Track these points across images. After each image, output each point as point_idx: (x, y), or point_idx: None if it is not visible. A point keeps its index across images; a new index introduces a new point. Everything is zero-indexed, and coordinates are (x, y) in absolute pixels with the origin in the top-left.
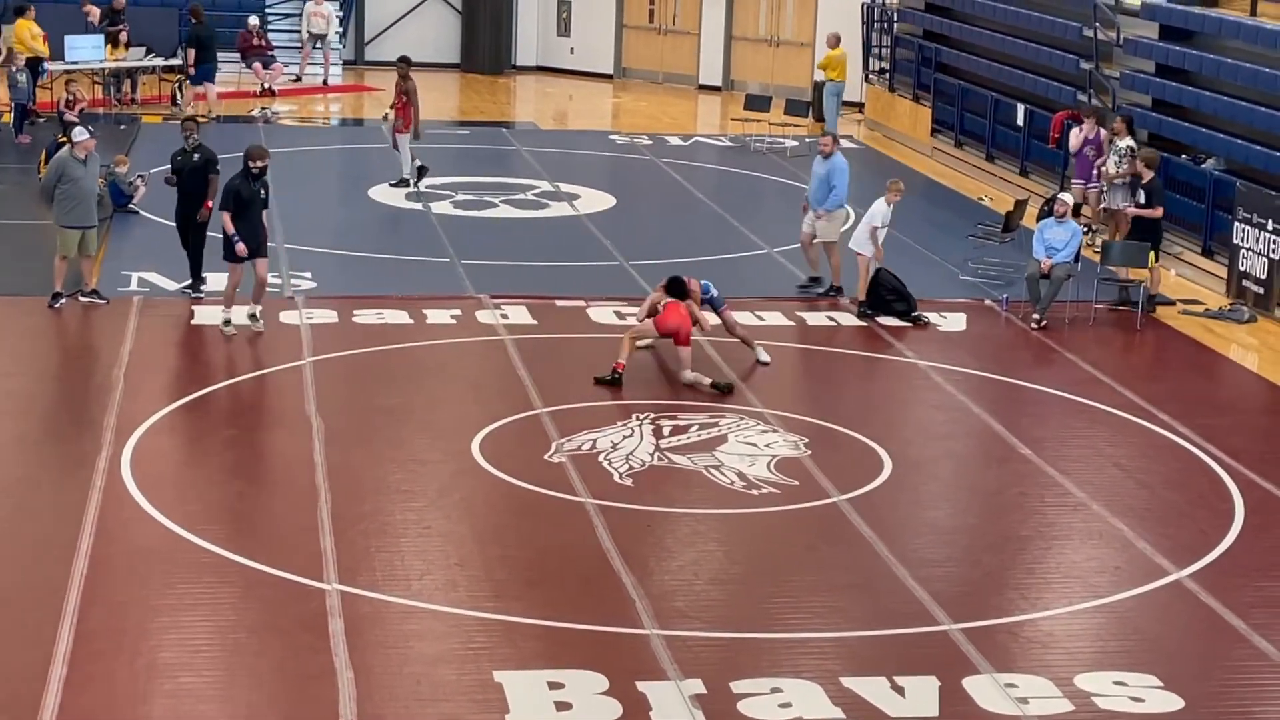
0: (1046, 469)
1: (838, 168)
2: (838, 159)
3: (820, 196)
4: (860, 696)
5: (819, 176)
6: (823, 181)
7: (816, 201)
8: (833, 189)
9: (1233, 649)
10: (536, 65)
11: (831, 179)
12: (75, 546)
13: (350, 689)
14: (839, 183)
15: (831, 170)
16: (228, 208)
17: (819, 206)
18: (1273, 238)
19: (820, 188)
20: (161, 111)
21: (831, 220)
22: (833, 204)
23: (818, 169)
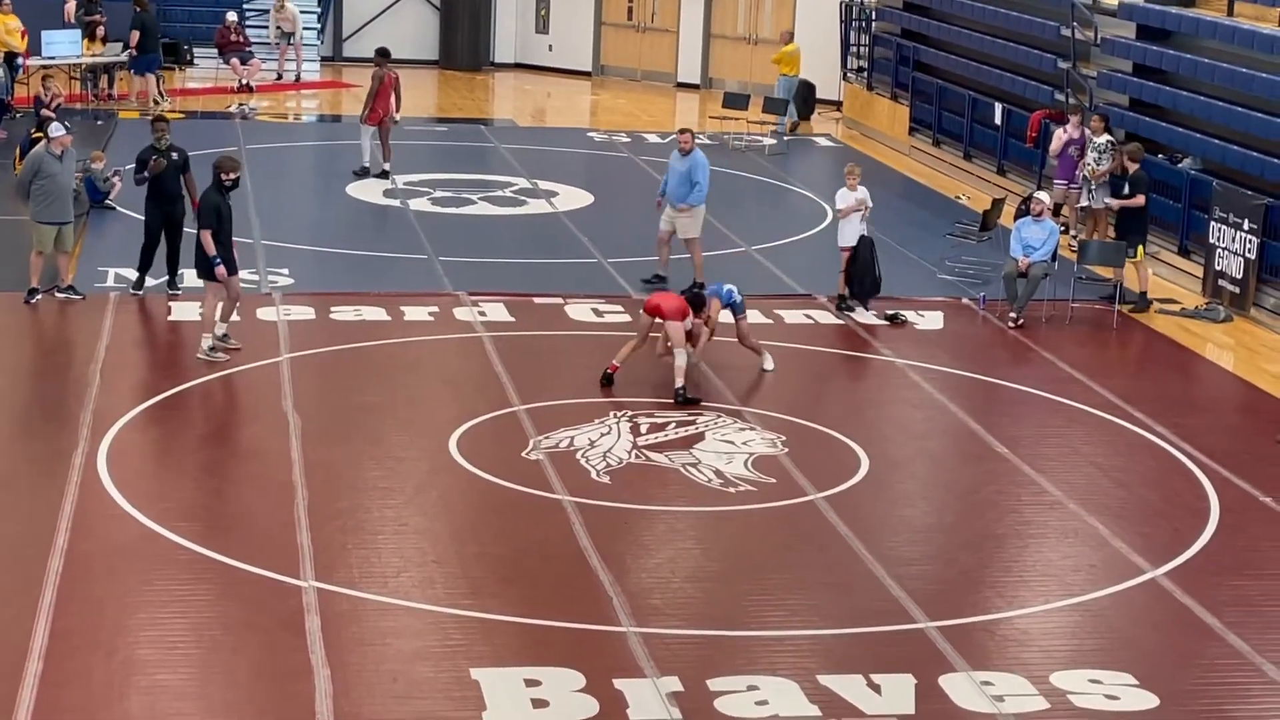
0: (1023, 467)
1: (699, 163)
2: (698, 154)
3: (682, 192)
4: (837, 694)
5: (679, 172)
6: (683, 177)
7: (678, 198)
8: (695, 184)
9: (1207, 647)
10: (515, 62)
11: (694, 175)
12: (51, 543)
13: (327, 686)
14: (702, 178)
15: (693, 166)
16: (210, 225)
17: (680, 202)
18: (1249, 237)
19: (681, 184)
20: (139, 107)
21: (694, 217)
22: (696, 199)
23: (678, 165)
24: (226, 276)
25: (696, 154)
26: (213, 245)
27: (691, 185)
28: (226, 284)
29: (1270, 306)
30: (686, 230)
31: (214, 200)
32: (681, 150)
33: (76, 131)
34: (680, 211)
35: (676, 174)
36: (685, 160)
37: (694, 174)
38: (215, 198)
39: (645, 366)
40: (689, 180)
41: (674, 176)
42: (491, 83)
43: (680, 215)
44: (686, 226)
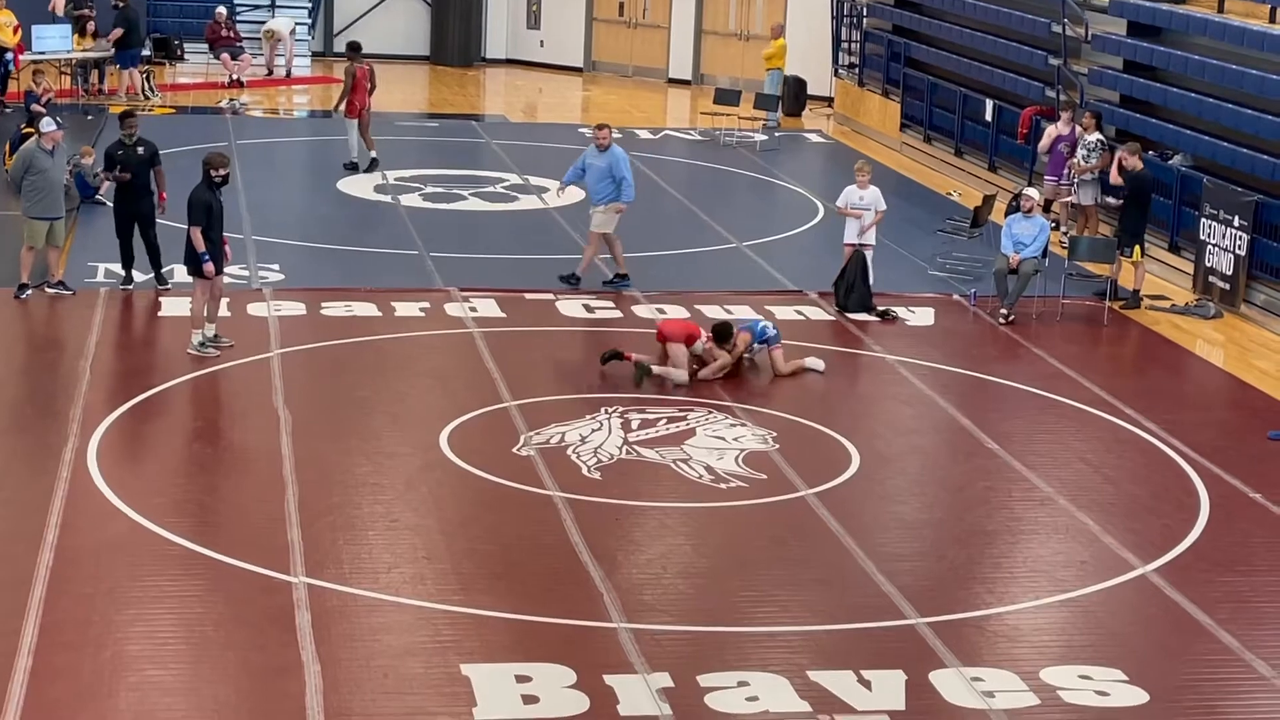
0: (1013, 463)
1: (621, 158)
2: (617, 149)
3: (605, 189)
4: (827, 690)
5: (598, 169)
6: (603, 173)
7: (601, 195)
8: (622, 180)
9: (1197, 643)
10: (506, 58)
11: (617, 170)
12: (41, 539)
13: (317, 682)
14: (627, 173)
15: (614, 161)
16: (201, 222)
17: (605, 199)
18: (1239, 234)
19: (602, 179)
20: (127, 102)
21: (607, 212)
22: (629, 196)
23: (596, 161)
24: (214, 274)
25: (615, 149)
26: (202, 242)
27: (616, 181)
28: (212, 281)
29: (1260, 303)
30: (604, 225)
31: (205, 197)
32: (599, 146)
33: (67, 126)
34: (618, 210)
35: (595, 171)
36: (604, 156)
37: (616, 170)
38: (206, 194)
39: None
40: (610, 176)
41: (592, 174)
42: (483, 78)
43: (601, 212)
44: (604, 222)
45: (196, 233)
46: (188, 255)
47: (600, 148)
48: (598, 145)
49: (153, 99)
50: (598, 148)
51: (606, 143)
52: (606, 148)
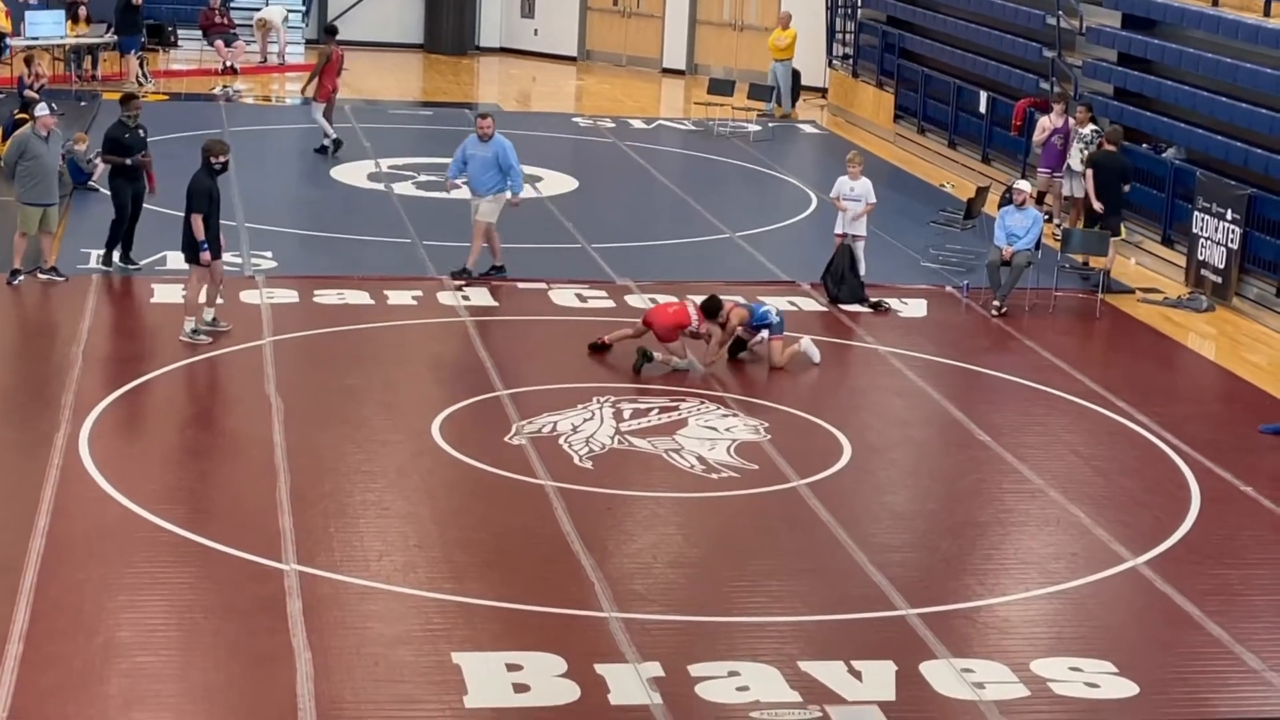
0: (1005, 455)
1: (507, 147)
2: (501, 138)
3: (491, 179)
4: (818, 680)
5: (482, 159)
6: (488, 163)
7: (486, 185)
8: (510, 168)
9: (1187, 635)
10: (500, 47)
11: (504, 160)
12: (32, 525)
13: (308, 669)
14: (515, 161)
15: (501, 151)
16: (203, 210)
17: (492, 189)
18: (1231, 227)
19: (487, 170)
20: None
21: (498, 202)
22: (519, 186)
23: (480, 151)
24: (211, 261)
25: (500, 138)
26: (202, 229)
27: (503, 171)
28: (210, 268)
29: (1252, 296)
30: (487, 215)
31: (206, 184)
32: (482, 136)
33: (62, 112)
34: (494, 199)
35: (480, 161)
36: (488, 146)
37: (504, 159)
38: (206, 181)
39: (629, 354)
40: (497, 166)
41: (476, 164)
42: (476, 67)
43: (484, 201)
44: (489, 211)
45: (197, 220)
46: (185, 242)
47: (483, 137)
48: (480, 135)
49: (146, 85)
50: (480, 137)
51: (490, 132)
52: (489, 137)
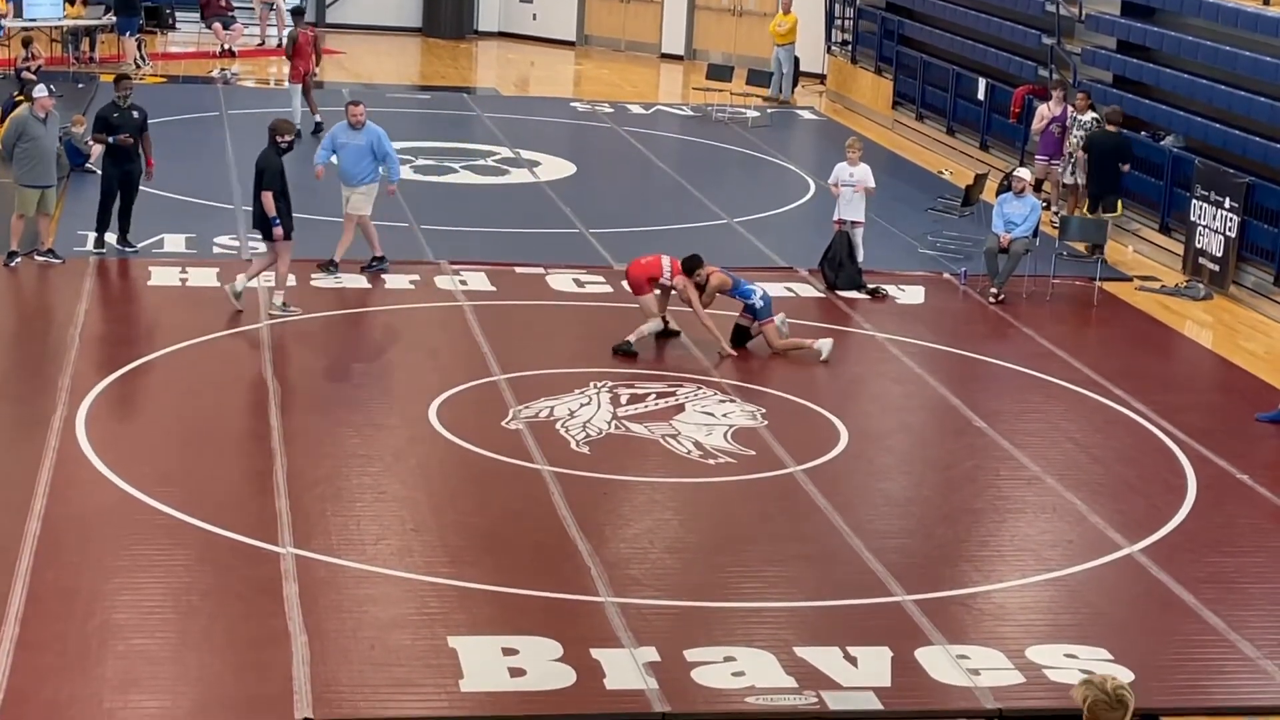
0: (1001, 442)
1: (381, 134)
2: (374, 126)
3: (365, 169)
4: (813, 666)
5: (355, 148)
6: (362, 152)
7: (361, 175)
8: (386, 156)
9: (1183, 623)
10: (498, 31)
11: (380, 148)
12: (29, 507)
13: (304, 653)
14: (390, 148)
15: (376, 139)
16: (275, 186)
17: (365, 179)
18: (1230, 215)
19: (360, 159)
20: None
21: (370, 193)
22: (397, 174)
23: (351, 140)
24: (284, 238)
25: (372, 125)
26: (273, 206)
27: (376, 159)
28: (278, 248)
29: (1250, 285)
30: (360, 207)
31: (276, 162)
32: (353, 124)
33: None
34: (367, 190)
35: (351, 150)
36: (361, 134)
37: (379, 147)
38: (276, 160)
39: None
40: (371, 154)
41: (348, 153)
42: (475, 51)
43: (355, 192)
44: (360, 203)
45: (268, 197)
46: (258, 220)
47: (354, 125)
48: (351, 123)
49: (144, 68)
50: (351, 125)
51: (362, 120)
52: (362, 125)
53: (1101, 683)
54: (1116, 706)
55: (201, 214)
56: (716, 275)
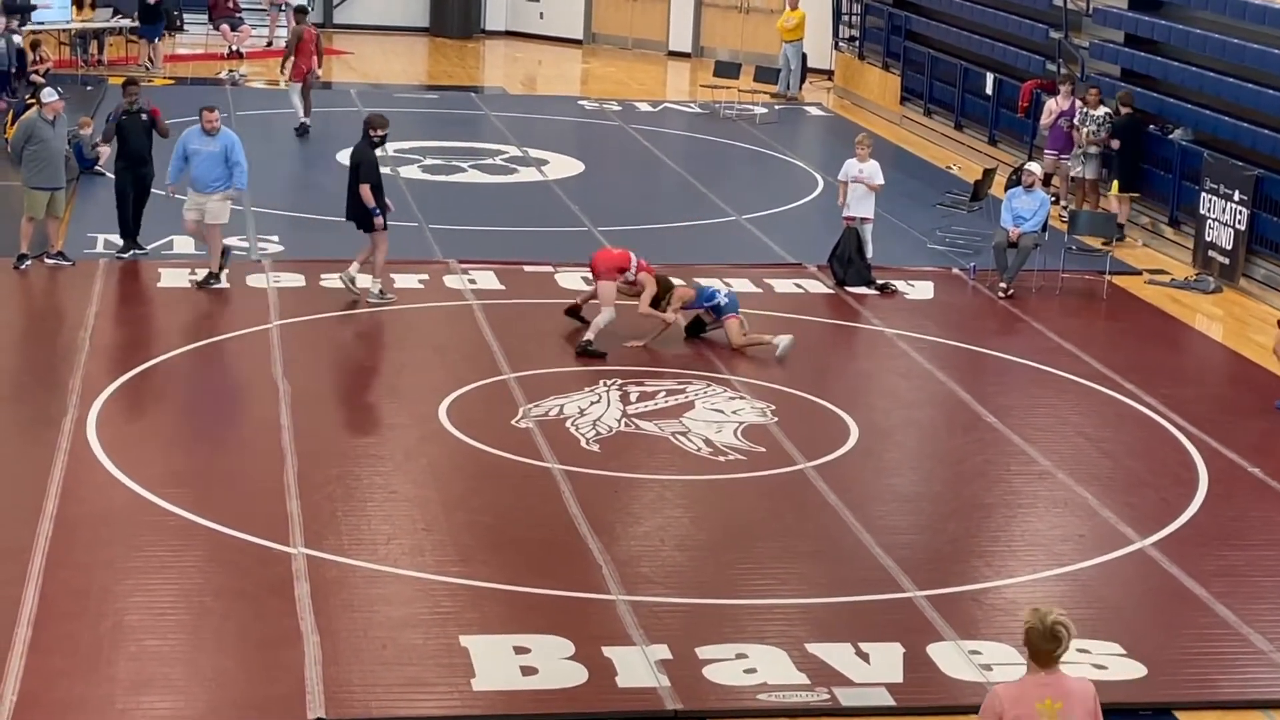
0: (1012, 437)
1: (235, 141)
2: (228, 132)
3: (219, 175)
4: (825, 662)
5: (208, 154)
6: (216, 159)
7: (211, 180)
8: (238, 164)
9: (1195, 617)
10: (505, 30)
11: (233, 154)
12: (40, 509)
13: (316, 652)
14: (242, 157)
15: (230, 145)
16: (372, 179)
17: (219, 185)
18: (1239, 209)
19: (215, 165)
20: (129, 73)
21: (227, 201)
22: (243, 182)
23: (205, 146)
24: (384, 227)
25: (228, 131)
26: (372, 198)
27: (230, 166)
28: (376, 239)
29: (1259, 278)
30: (219, 216)
31: (371, 156)
32: (207, 130)
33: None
34: (222, 197)
35: (205, 156)
36: (215, 140)
37: (233, 154)
38: (370, 153)
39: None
40: (225, 161)
41: (203, 160)
42: (482, 50)
43: (212, 200)
44: (219, 212)
45: (366, 190)
46: (355, 212)
47: (209, 131)
48: (205, 129)
49: (153, 70)
50: (205, 131)
51: (216, 126)
52: (216, 131)
53: (1043, 615)
54: (1050, 640)
55: None
56: (680, 289)
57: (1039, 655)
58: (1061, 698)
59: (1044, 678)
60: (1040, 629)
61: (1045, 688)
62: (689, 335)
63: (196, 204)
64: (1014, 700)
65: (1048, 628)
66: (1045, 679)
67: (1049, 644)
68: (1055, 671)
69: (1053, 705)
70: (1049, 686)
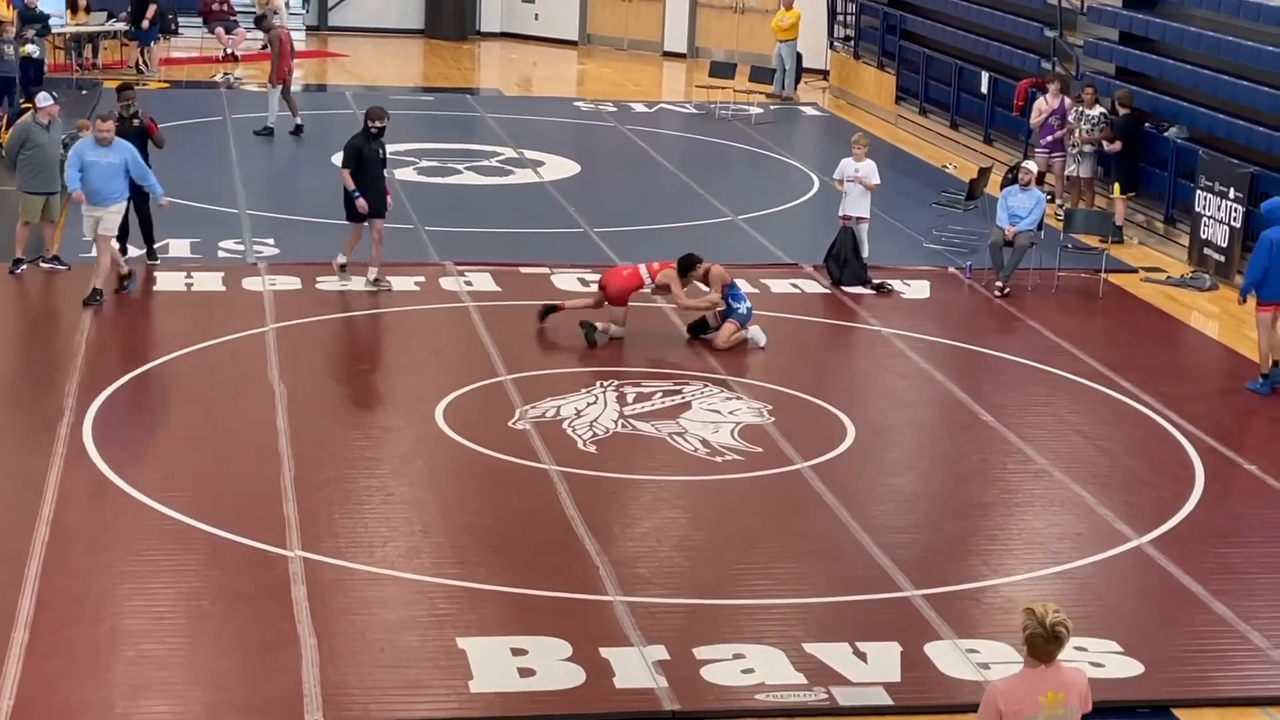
0: (1009, 436)
1: (132, 152)
2: (123, 143)
3: (118, 187)
4: (823, 662)
5: (108, 166)
6: (115, 170)
7: (113, 195)
8: (144, 176)
9: (1192, 615)
10: (501, 31)
11: (134, 168)
12: (37, 513)
13: (313, 655)
14: (145, 167)
15: (130, 156)
16: (350, 165)
17: (119, 200)
18: (1235, 206)
19: (112, 177)
20: (124, 77)
21: (120, 211)
22: (160, 189)
23: (102, 158)
24: (368, 211)
25: (121, 143)
26: (351, 181)
27: (133, 178)
28: (370, 225)
29: None
30: (111, 227)
31: (356, 143)
32: (101, 140)
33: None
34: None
35: (102, 168)
36: (112, 151)
37: (134, 168)
38: (358, 141)
39: (632, 338)
40: (124, 172)
41: (100, 172)
42: (477, 52)
43: (108, 212)
44: (112, 223)
45: (346, 174)
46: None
47: (102, 142)
48: (98, 139)
49: (148, 74)
50: (98, 142)
51: (110, 137)
52: (110, 141)
53: (1042, 617)
54: (1052, 641)
55: (206, 219)
56: (719, 269)
57: (1041, 654)
58: (1062, 689)
59: (1044, 671)
60: (1043, 633)
61: (1046, 680)
62: (691, 334)
63: (93, 216)
64: (1016, 695)
65: (1050, 630)
66: (1045, 672)
67: (1052, 645)
68: (1054, 665)
69: (1055, 697)
70: (1049, 679)
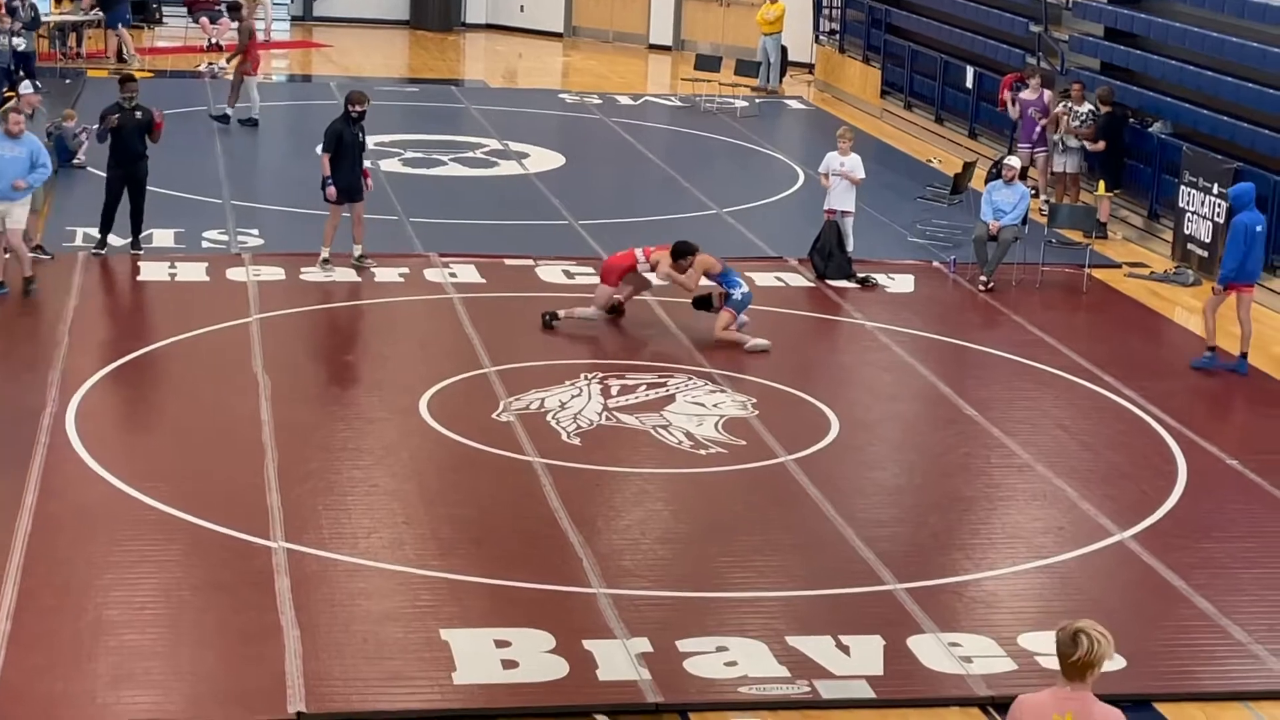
0: (992, 430)
1: (38, 145)
2: (31, 136)
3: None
4: (805, 655)
5: (15, 159)
6: (21, 164)
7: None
8: (43, 167)
9: (1174, 609)
10: (486, 23)
11: (39, 159)
12: (20, 503)
13: (296, 647)
14: (48, 161)
15: (35, 149)
16: (329, 150)
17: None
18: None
19: (20, 171)
20: (107, 66)
21: (28, 203)
22: (38, 182)
23: (10, 151)
24: (336, 197)
25: (29, 136)
26: (328, 167)
27: (34, 168)
28: (351, 207)
29: None
30: (20, 220)
31: (336, 128)
32: (11, 133)
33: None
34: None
35: (10, 161)
36: (20, 144)
37: (39, 158)
38: (338, 125)
39: (617, 330)
40: (30, 166)
41: (5, 164)
42: (462, 43)
43: (15, 206)
44: (21, 216)
45: (325, 159)
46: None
47: (12, 134)
48: (9, 132)
49: (130, 63)
50: (9, 134)
51: (21, 129)
52: (21, 134)
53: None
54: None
55: (190, 209)
56: (706, 257)
57: (1064, 667)
58: (1083, 717)
59: (1069, 692)
60: (1063, 636)
61: (1067, 702)
62: (695, 307)
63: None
64: (1032, 710)
65: (1069, 634)
66: (1070, 694)
67: (1067, 648)
68: (1083, 689)
69: None
70: (1072, 701)
